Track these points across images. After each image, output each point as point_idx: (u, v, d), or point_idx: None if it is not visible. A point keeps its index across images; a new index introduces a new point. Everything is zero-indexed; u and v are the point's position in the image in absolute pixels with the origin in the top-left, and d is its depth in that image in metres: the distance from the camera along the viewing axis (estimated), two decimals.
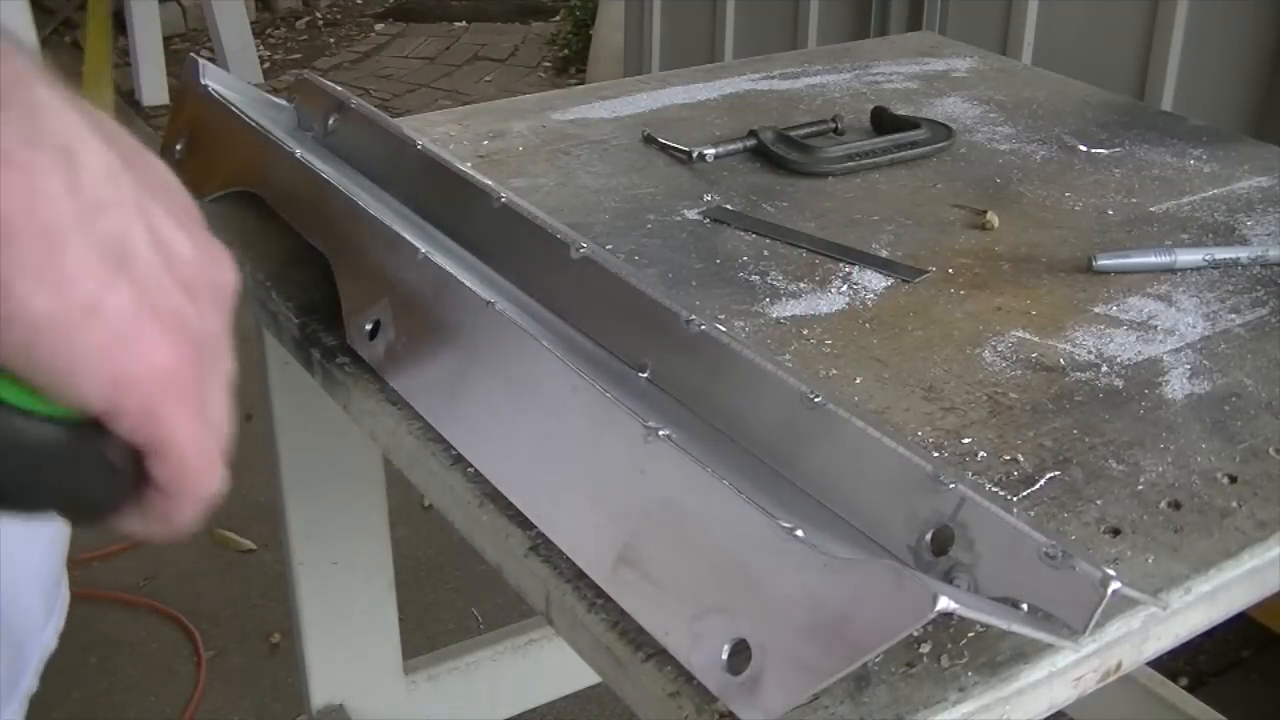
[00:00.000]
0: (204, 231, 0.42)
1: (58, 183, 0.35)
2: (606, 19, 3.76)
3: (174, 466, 0.41)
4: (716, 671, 0.52)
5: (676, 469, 0.57)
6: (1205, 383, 0.75)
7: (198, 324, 0.40)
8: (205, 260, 0.41)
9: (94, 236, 0.36)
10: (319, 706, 1.34)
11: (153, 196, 0.39)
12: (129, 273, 0.37)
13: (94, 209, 0.36)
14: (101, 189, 0.37)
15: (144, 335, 0.38)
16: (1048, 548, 0.52)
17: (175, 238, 0.40)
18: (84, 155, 0.37)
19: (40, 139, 0.35)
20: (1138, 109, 1.27)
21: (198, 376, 0.40)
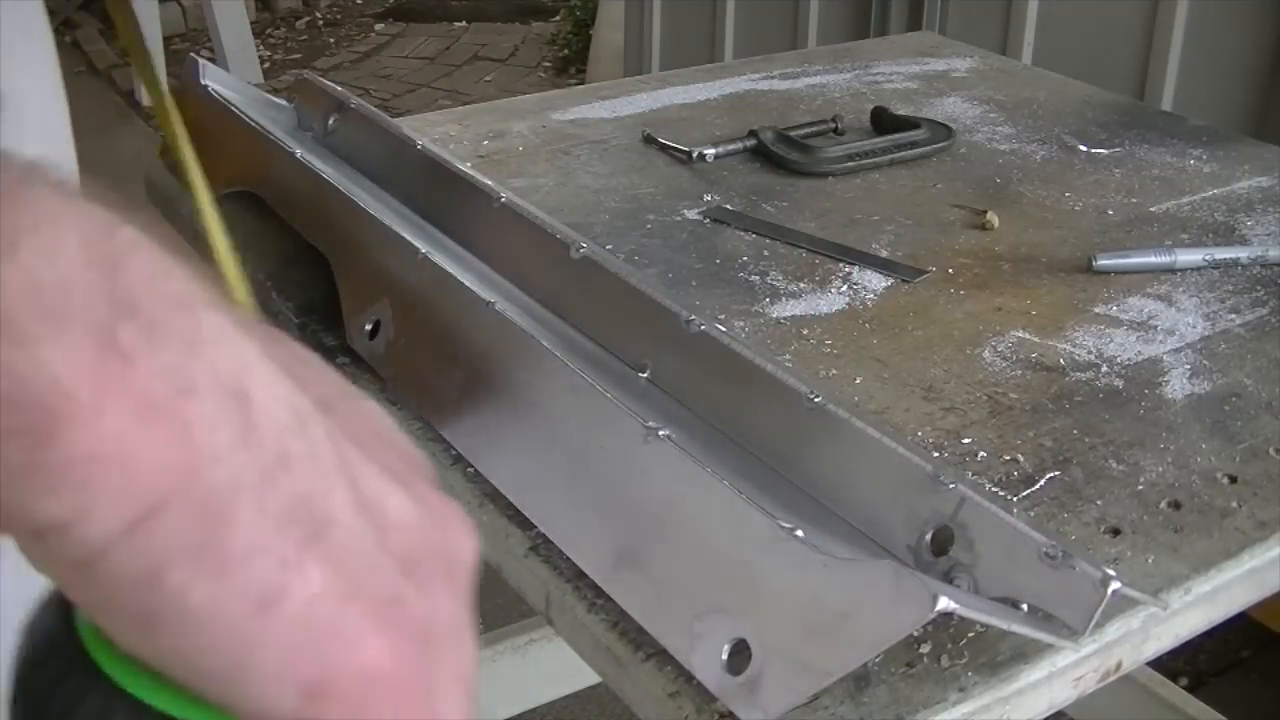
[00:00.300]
0: (430, 488, 0.33)
1: (224, 436, 0.27)
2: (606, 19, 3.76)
3: None
4: (716, 671, 0.52)
5: (676, 469, 0.57)
6: (1205, 383, 0.75)
7: (421, 609, 0.30)
8: (430, 525, 0.32)
9: (274, 503, 0.28)
10: None
11: (358, 446, 0.30)
12: (324, 546, 0.28)
13: (275, 466, 0.28)
14: (285, 440, 0.28)
15: (347, 629, 0.28)
16: (1048, 548, 0.52)
17: (388, 498, 0.31)
18: (261, 398, 0.28)
19: (202, 380, 0.27)
20: (1138, 109, 1.27)
21: (423, 678, 0.30)
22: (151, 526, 0.26)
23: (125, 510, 0.25)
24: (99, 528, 0.25)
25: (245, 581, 0.26)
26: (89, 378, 0.25)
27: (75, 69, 3.44)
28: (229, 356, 0.28)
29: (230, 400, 0.27)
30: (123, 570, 0.26)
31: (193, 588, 0.26)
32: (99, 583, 0.26)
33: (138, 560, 0.26)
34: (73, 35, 4.34)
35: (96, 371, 0.25)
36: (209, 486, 0.26)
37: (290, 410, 0.29)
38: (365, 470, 0.30)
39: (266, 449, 0.27)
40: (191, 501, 0.26)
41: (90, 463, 0.25)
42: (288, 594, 0.27)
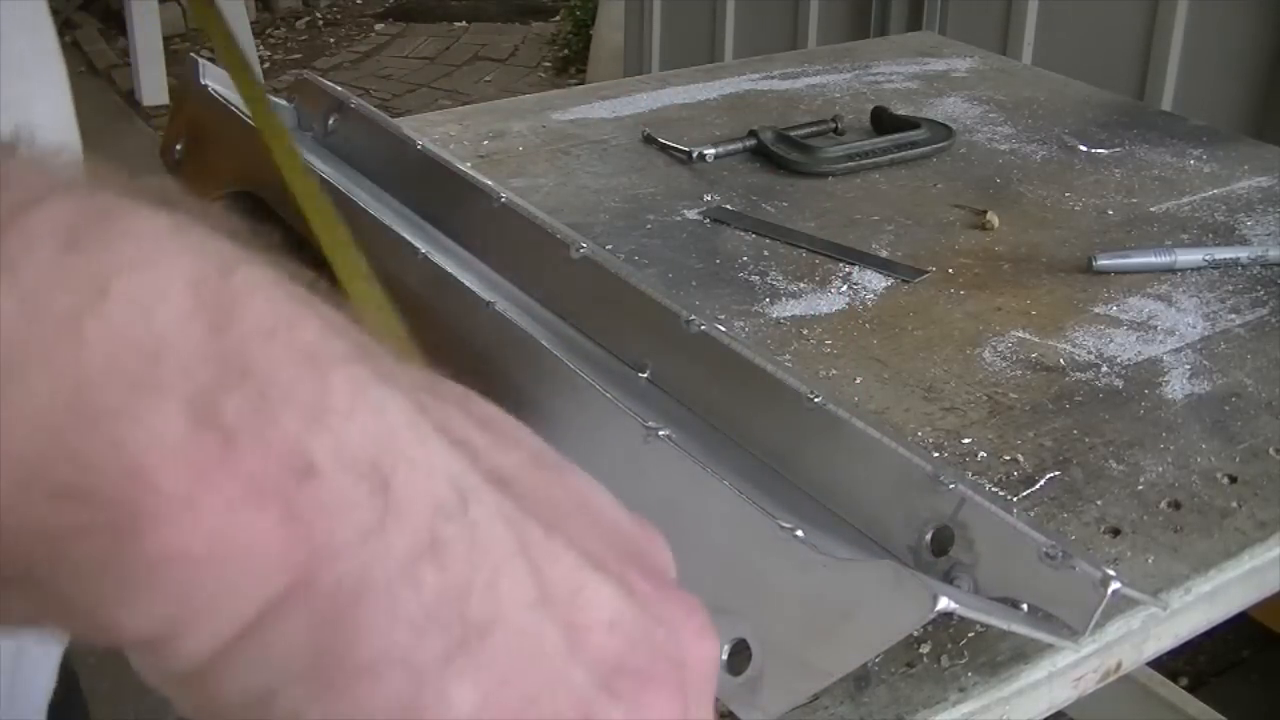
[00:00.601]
0: (659, 578, 0.28)
1: (352, 526, 0.22)
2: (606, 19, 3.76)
3: None
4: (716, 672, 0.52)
5: (676, 469, 0.57)
6: (1205, 383, 0.75)
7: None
8: (648, 622, 0.26)
9: (413, 603, 0.22)
10: None
11: (551, 527, 0.26)
12: (480, 655, 0.23)
13: (419, 559, 0.23)
14: (437, 526, 0.23)
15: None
16: (1048, 548, 0.52)
17: (587, 589, 0.26)
18: (406, 476, 0.23)
19: (324, 459, 0.22)
20: (1138, 109, 1.27)
21: None
22: (261, 638, 0.22)
23: (227, 621, 0.22)
24: (197, 642, 0.22)
25: (371, 701, 0.22)
26: (180, 464, 0.21)
27: (76, 69, 3.44)
28: (366, 426, 0.23)
29: (363, 481, 0.22)
30: (230, 688, 0.22)
31: (308, 710, 0.22)
32: (205, 700, 0.23)
33: (246, 677, 0.22)
34: (73, 35, 4.34)
35: (190, 456, 0.21)
36: (328, 589, 0.22)
37: (450, 487, 0.24)
38: (556, 556, 0.25)
39: (408, 538, 0.22)
40: (307, 608, 0.22)
41: (182, 567, 0.21)
42: (425, 715, 0.22)
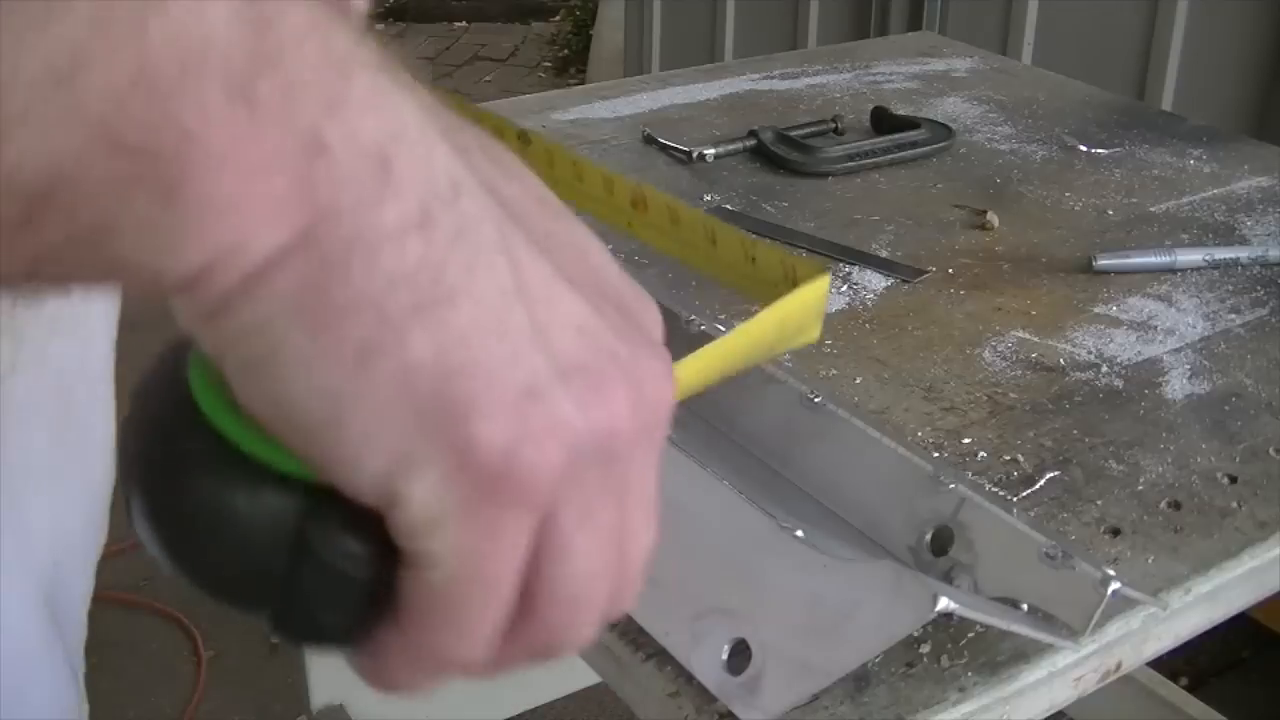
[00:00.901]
0: (637, 332, 0.31)
1: (351, 196, 0.26)
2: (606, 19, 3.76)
3: (555, 597, 0.29)
4: (716, 672, 0.52)
5: (676, 469, 0.57)
6: (1205, 383, 0.75)
7: (571, 416, 0.28)
8: (614, 340, 0.29)
9: (392, 262, 0.26)
10: (319, 706, 1.34)
11: (539, 248, 0.29)
12: (442, 317, 0.27)
13: (406, 230, 0.27)
14: (430, 207, 0.27)
15: (453, 406, 0.27)
16: (1048, 548, 0.52)
17: (562, 300, 0.29)
18: (408, 165, 0.27)
19: (337, 142, 0.26)
20: (1138, 109, 1.27)
21: (546, 490, 0.28)
22: (270, 276, 0.26)
23: (248, 260, 0.26)
24: (224, 279, 0.26)
25: (341, 335, 0.26)
26: (217, 130, 0.25)
27: None
28: (378, 119, 0.27)
29: (368, 162, 0.26)
30: (239, 321, 0.26)
31: (292, 336, 0.26)
32: (218, 333, 0.27)
33: (252, 311, 0.26)
34: None
35: (225, 125, 0.25)
36: (325, 242, 0.26)
37: (447, 179, 0.27)
38: (537, 263, 0.28)
39: (400, 211, 0.26)
40: (307, 255, 0.26)
41: (215, 214, 0.25)
42: (384, 352, 0.26)
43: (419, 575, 0.28)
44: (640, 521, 0.31)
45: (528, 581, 0.29)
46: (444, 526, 0.27)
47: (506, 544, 0.28)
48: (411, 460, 0.27)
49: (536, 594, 0.29)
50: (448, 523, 0.27)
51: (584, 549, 0.29)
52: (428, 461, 0.27)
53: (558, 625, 0.30)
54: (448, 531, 0.27)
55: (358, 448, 0.27)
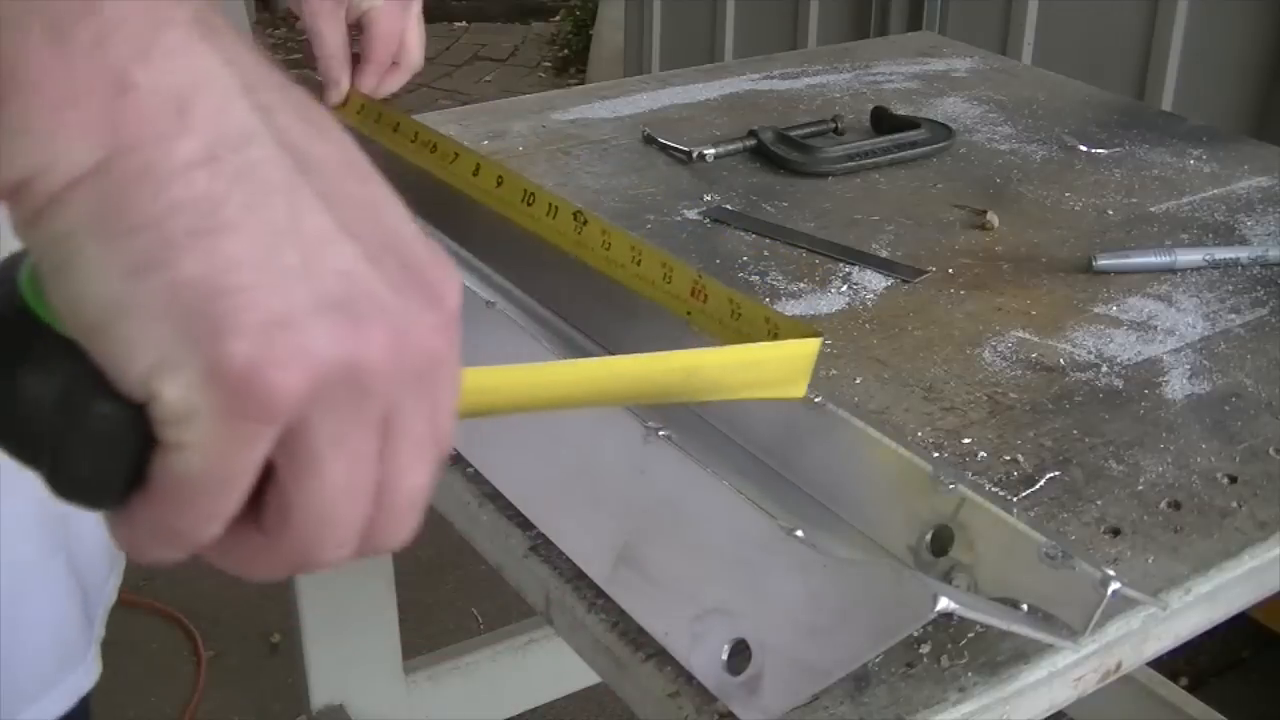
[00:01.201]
0: (423, 291, 0.34)
1: (150, 131, 0.30)
2: (606, 19, 3.76)
3: (296, 498, 0.33)
4: (716, 672, 0.52)
5: (676, 469, 0.57)
6: (1205, 383, 0.75)
7: (325, 349, 0.31)
8: (383, 289, 0.33)
9: (179, 192, 0.31)
10: (319, 706, 1.34)
11: (324, 197, 0.33)
12: (214, 244, 0.31)
13: (194, 166, 0.31)
14: (217, 150, 0.31)
15: (211, 324, 0.31)
16: (1047, 548, 0.52)
17: (333, 245, 0.32)
18: (206, 111, 0.31)
19: (144, 83, 0.30)
20: (1138, 109, 1.27)
21: (280, 410, 0.31)
22: (67, 199, 0.30)
23: (59, 176, 0.30)
24: (38, 191, 0.30)
25: (123, 248, 0.30)
26: (34, 63, 0.30)
27: None
28: (183, 68, 0.31)
29: (167, 105, 0.31)
30: (48, 230, 0.31)
31: (86, 246, 0.30)
32: (33, 239, 0.31)
33: (58, 223, 0.30)
34: None
35: (41, 59, 0.30)
36: (121, 169, 0.30)
37: (239, 129, 0.32)
38: (317, 213, 0.32)
39: (191, 149, 0.31)
40: (107, 179, 0.30)
41: (25, 138, 0.30)
42: (157, 267, 0.30)
43: (166, 459, 0.32)
44: (408, 461, 0.34)
45: (282, 491, 0.33)
46: (190, 424, 0.31)
47: (244, 449, 0.32)
48: (167, 365, 0.30)
49: (289, 504, 0.33)
50: (194, 422, 0.31)
51: (333, 471, 0.33)
52: (181, 368, 0.30)
53: (307, 538, 0.34)
54: (193, 429, 0.31)
55: (126, 348, 0.31)
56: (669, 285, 0.66)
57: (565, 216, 0.72)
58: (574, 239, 0.71)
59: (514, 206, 0.76)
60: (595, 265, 0.69)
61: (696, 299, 0.64)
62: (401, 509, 0.35)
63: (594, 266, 0.70)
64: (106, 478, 0.33)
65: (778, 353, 0.56)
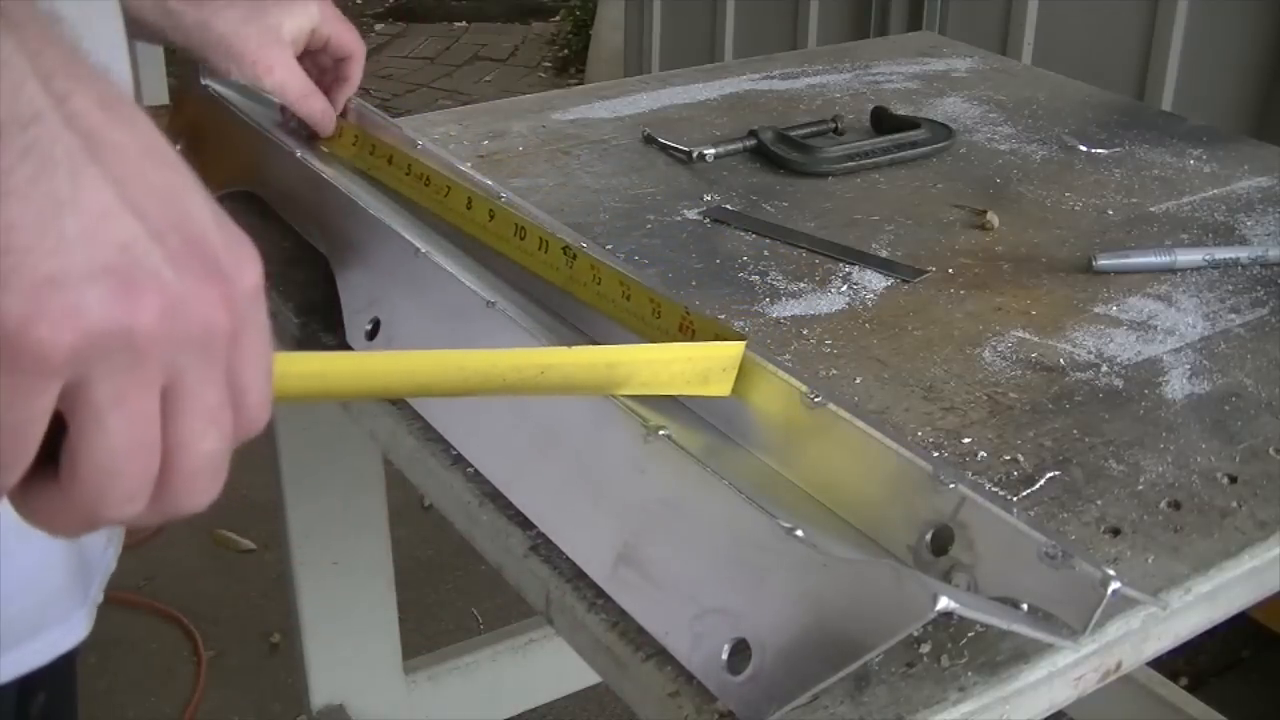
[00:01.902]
0: (192, 263, 0.37)
1: None
2: (605, 19, 3.76)
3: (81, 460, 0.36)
4: (716, 671, 0.52)
5: (676, 468, 0.57)
6: (1205, 383, 0.75)
7: (97, 313, 0.34)
8: (159, 260, 0.36)
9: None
10: (319, 706, 1.34)
11: (102, 166, 0.36)
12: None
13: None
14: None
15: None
16: (1048, 547, 0.52)
17: (108, 218, 0.35)
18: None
19: None
20: (1138, 109, 1.27)
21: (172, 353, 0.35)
22: None
23: None
24: None
25: None
26: None
27: None
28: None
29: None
30: None
31: None
32: None
33: None
34: None
35: None
36: None
37: (29, 110, 0.34)
38: (99, 190, 0.34)
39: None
40: None
41: None
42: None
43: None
44: (196, 426, 0.37)
45: (70, 443, 0.35)
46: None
47: (24, 400, 0.34)
48: None
49: (76, 456, 0.35)
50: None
51: (115, 426, 0.35)
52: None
53: (94, 490, 0.36)
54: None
55: None
56: (658, 320, 0.68)
57: (555, 251, 0.74)
58: (565, 274, 0.73)
59: (506, 240, 0.77)
60: (586, 300, 0.72)
61: (684, 335, 0.66)
62: (191, 472, 0.37)
63: (584, 301, 0.72)
64: None
65: (701, 352, 0.62)
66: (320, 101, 0.91)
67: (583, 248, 0.73)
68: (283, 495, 1.22)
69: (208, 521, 2.03)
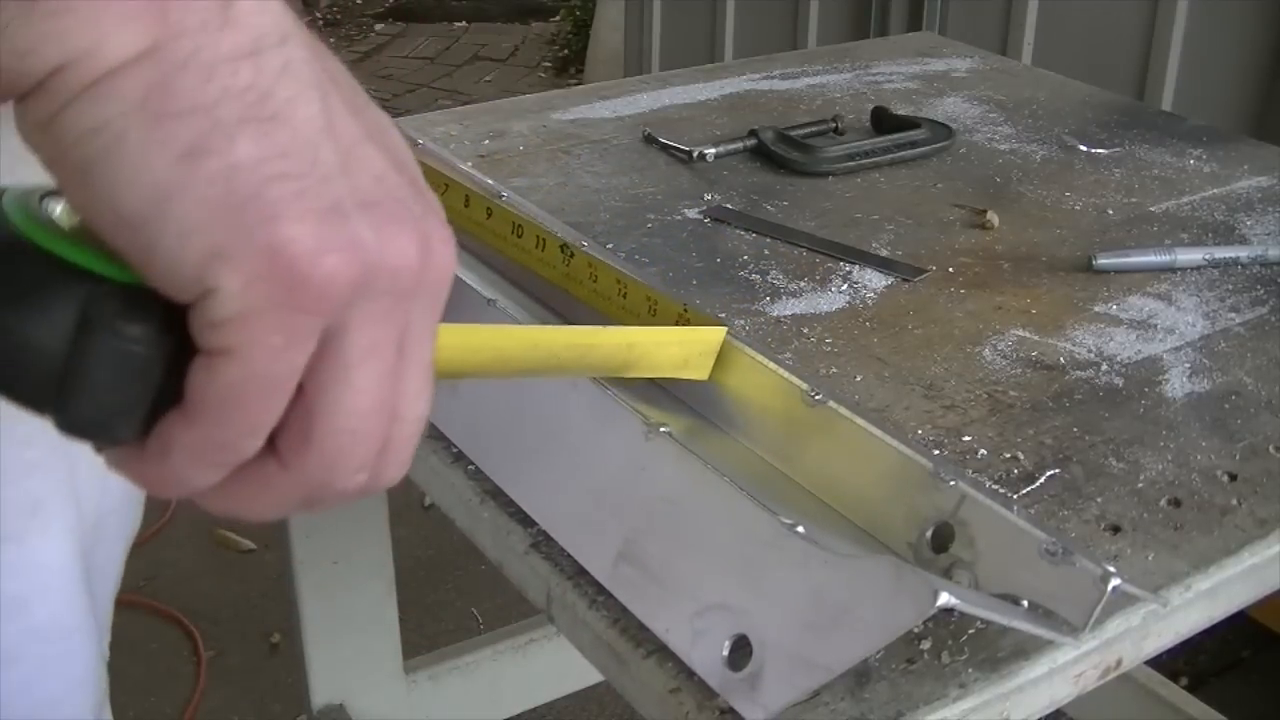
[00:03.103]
0: (426, 215, 0.34)
1: (196, 20, 0.30)
2: (603, 20, 3.76)
3: (317, 431, 0.32)
4: (717, 668, 0.52)
5: (677, 466, 0.57)
6: (1205, 381, 0.75)
7: (366, 236, 0.32)
8: (409, 193, 0.34)
9: (226, 79, 0.30)
10: (319, 706, 1.34)
11: (354, 113, 0.33)
12: (267, 129, 0.31)
13: (240, 56, 0.31)
14: (262, 45, 0.31)
15: (266, 206, 0.30)
16: (1048, 544, 0.52)
17: (366, 147, 0.33)
18: (248, 10, 0.31)
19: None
20: (1138, 109, 1.28)
21: (331, 283, 0.31)
22: (111, 84, 0.29)
23: (100, 61, 0.29)
24: (76, 76, 0.29)
25: (174, 132, 0.29)
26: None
27: None
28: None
29: (215, 2, 0.30)
30: (82, 120, 0.29)
31: (130, 133, 0.29)
32: (60, 132, 0.30)
33: (96, 111, 0.29)
34: None
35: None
36: (170, 55, 0.30)
37: (277, 30, 0.31)
38: (347, 119, 0.32)
39: (236, 41, 0.30)
40: (153, 64, 0.29)
41: (72, 19, 0.29)
42: (211, 152, 0.29)
43: (212, 367, 0.31)
44: (416, 383, 0.34)
45: (308, 406, 0.32)
46: (246, 321, 0.30)
47: (297, 345, 0.31)
48: (225, 255, 0.30)
49: (314, 419, 0.32)
50: (250, 318, 0.30)
51: (363, 382, 0.32)
52: (240, 257, 0.30)
53: (327, 459, 0.33)
54: (244, 329, 0.30)
55: (178, 239, 0.29)
56: (654, 319, 0.68)
57: (553, 249, 0.74)
58: (562, 271, 0.73)
59: (503, 238, 0.77)
60: (582, 298, 0.72)
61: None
62: (407, 438, 0.35)
63: (581, 299, 0.72)
64: (131, 403, 0.31)
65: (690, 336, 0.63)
66: None
67: (582, 246, 0.73)
68: None
69: (208, 521, 2.04)
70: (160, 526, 2.02)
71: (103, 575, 0.71)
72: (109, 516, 0.68)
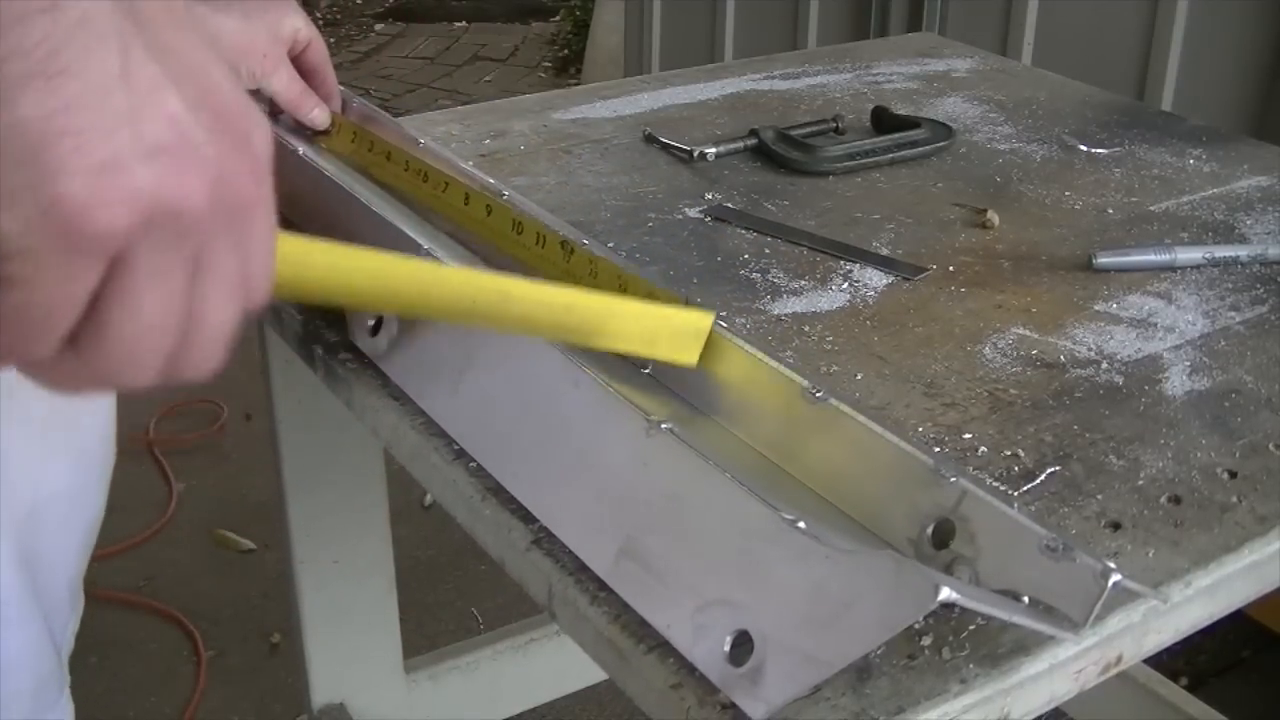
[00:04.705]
0: (231, 151, 0.37)
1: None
2: (602, 21, 3.76)
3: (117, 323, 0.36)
4: (719, 663, 0.52)
5: (679, 462, 0.57)
6: (1205, 379, 0.75)
7: (149, 183, 0.35)
8: (206, 141, 0.36)
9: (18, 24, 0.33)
10: (319, 706, 1.34)
11: (159, 52, 0.36)
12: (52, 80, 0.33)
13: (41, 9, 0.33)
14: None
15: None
16: (1048, 540, 0.52)
17: (163, 90, 0.36)
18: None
19: None
20: (1138, 109, 1.28)
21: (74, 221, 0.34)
22: None
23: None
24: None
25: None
26: None
27: None
28: None
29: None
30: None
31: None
32: None
33: None
34: None
35: None
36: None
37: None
38: (146, 67, 0.35)
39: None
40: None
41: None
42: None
43: (4, 290, 0.34)
44: (216, 298, 0.38)
45: (100, 317, 0.36)
46: (26, 258, 0.34)
47: (74, 281, 0.35)
48: (4, 201, 0.33)
49: (104, 328, 0.36)
50: (29, 255, 0.34)
51: (149, 301, 0.36)
52: (20, 204, 0.33)
53: (116, 359, 0.37)
54: (28, 263, 0.34)
55: None
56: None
57: (553, 245, 0.74)
58: (562, 267, 0.73)
59: (503, 235, 0.78)
60: None
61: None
62: (206, 342, 0.38)
63: None
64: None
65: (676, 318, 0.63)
66: (313, 99, 0.92)
67: (584, 244, 0.73)
68: (283, 494, 1.22)
69: (208, 521, 2.04)
70: (160, 526, 2.02)
71: (49, 561, 0.73)
72: (48, 504, 0.71)
